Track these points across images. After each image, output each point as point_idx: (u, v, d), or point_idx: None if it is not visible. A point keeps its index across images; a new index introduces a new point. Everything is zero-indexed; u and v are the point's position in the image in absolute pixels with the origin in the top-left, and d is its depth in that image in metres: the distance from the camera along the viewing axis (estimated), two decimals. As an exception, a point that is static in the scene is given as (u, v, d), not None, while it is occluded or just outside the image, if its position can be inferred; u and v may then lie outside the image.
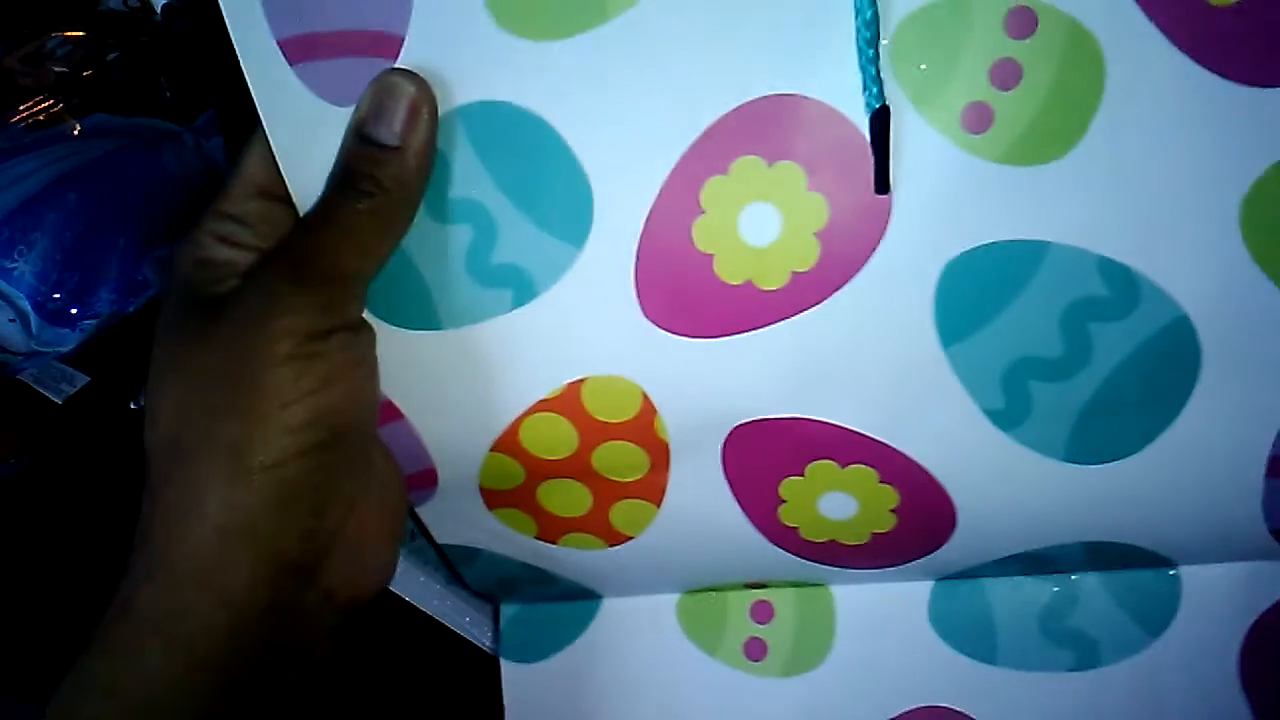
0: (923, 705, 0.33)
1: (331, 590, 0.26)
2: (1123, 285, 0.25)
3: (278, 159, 0.25)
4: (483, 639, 0.37)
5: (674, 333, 0.26)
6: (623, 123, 0.24)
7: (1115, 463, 0.27)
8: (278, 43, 0.23)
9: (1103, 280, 0.25)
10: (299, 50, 0.23)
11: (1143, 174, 0.24)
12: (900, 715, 0.33)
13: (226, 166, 0.53)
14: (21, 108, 0.52)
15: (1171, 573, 0.31)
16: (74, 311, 0.48)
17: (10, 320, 0.47)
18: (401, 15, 0.23)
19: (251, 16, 0.23)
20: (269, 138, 0.24)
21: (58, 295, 0.48)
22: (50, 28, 0.55)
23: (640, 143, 0.24)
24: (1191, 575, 0.31)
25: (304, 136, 0.24)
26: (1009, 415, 0.27)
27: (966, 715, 0.32)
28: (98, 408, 0.48)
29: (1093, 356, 0.26)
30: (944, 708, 0.32)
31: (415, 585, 0.38)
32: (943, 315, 0.25)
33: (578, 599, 0.35)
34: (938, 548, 0.30)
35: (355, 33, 0.23)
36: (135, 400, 0.48)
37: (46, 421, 0.47)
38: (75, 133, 0.51)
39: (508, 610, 0.36)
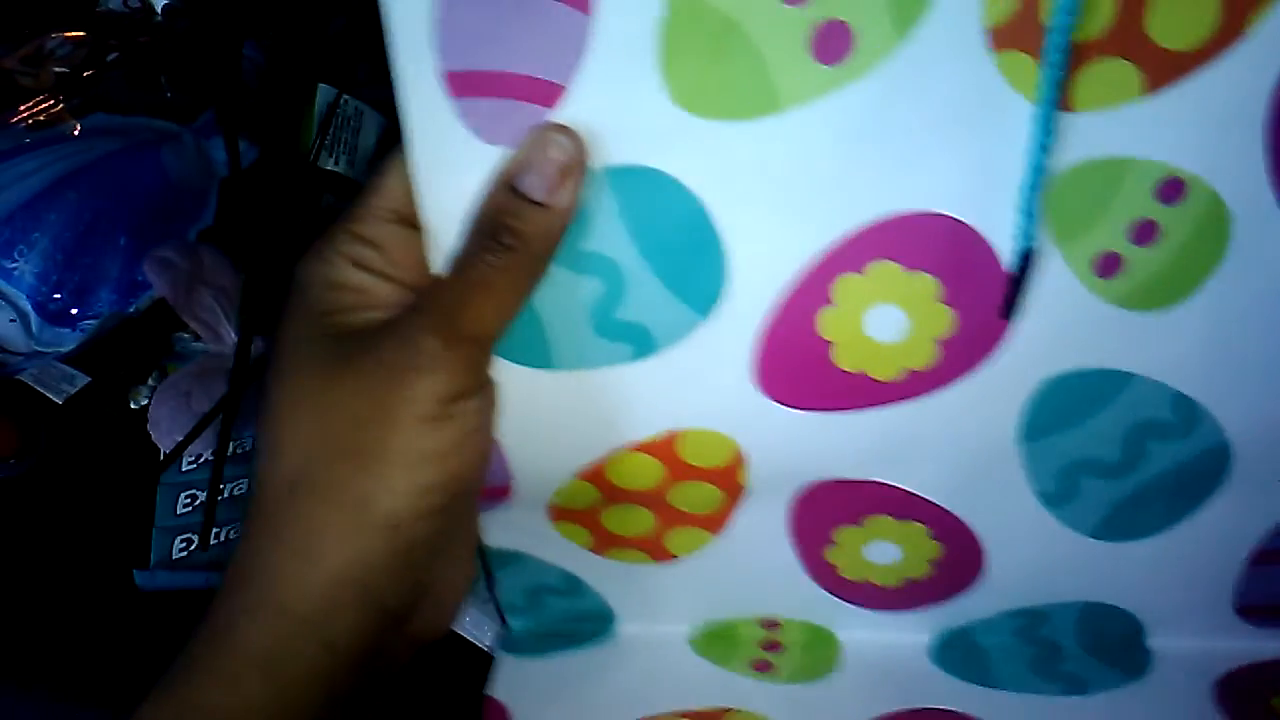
0: (923, 707, 0.34)
1: (415, 633, 0.27)
2: (1186, 414, 0.28)
3: (417, 185, 0.24)
4: (482, 639, 0.37)
5: (780, 402, 0.28)
6: (772, 210, 0.25)
7: (1129, 542, 0.31)
8: (442, 73, 0.23)
9: (1172, 409, 0.28)
10: (461, 84, 0.23)
11: (1238, 328, 0.27)
12: (902, 711, 0.34)
13: (225, 166, 0.53)
14: (22, 108, 0.52)
15: (1144, 644, 0.35)
16: (74, 311, 0.48)
17: (11, 320, 0.47)
18: (570, 67, 0.23)
19: (420, 44, 0.23)
20: (413, 164, 0.24)
21: (58, 295, 0.48)
22: (50, 28, 0.55)
23: (785, 231, 0.25)
24: (1161, 648, 0.34)
25: (448, 168, 0.24)
26: (1056, 498, 0.30)
27: (968, 715, 0.33)
28: (98, 408, 0.48)
29: (1142, 464, 0.29)
30: (944, 709, 0.34)
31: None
32: (1025, 419, 0.28)
33: (594, 621, 0.36)
34: (956, 595, 0.34)
35: (520, 77, 0.23)
36: (135, 400, 0.48)
37: (47, 422, 0.47)
38: (75, 133, 0.51)
39: (517, 623, 0.36)
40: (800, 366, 0.27)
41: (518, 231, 0.23)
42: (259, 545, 0.24)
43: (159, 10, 0.57)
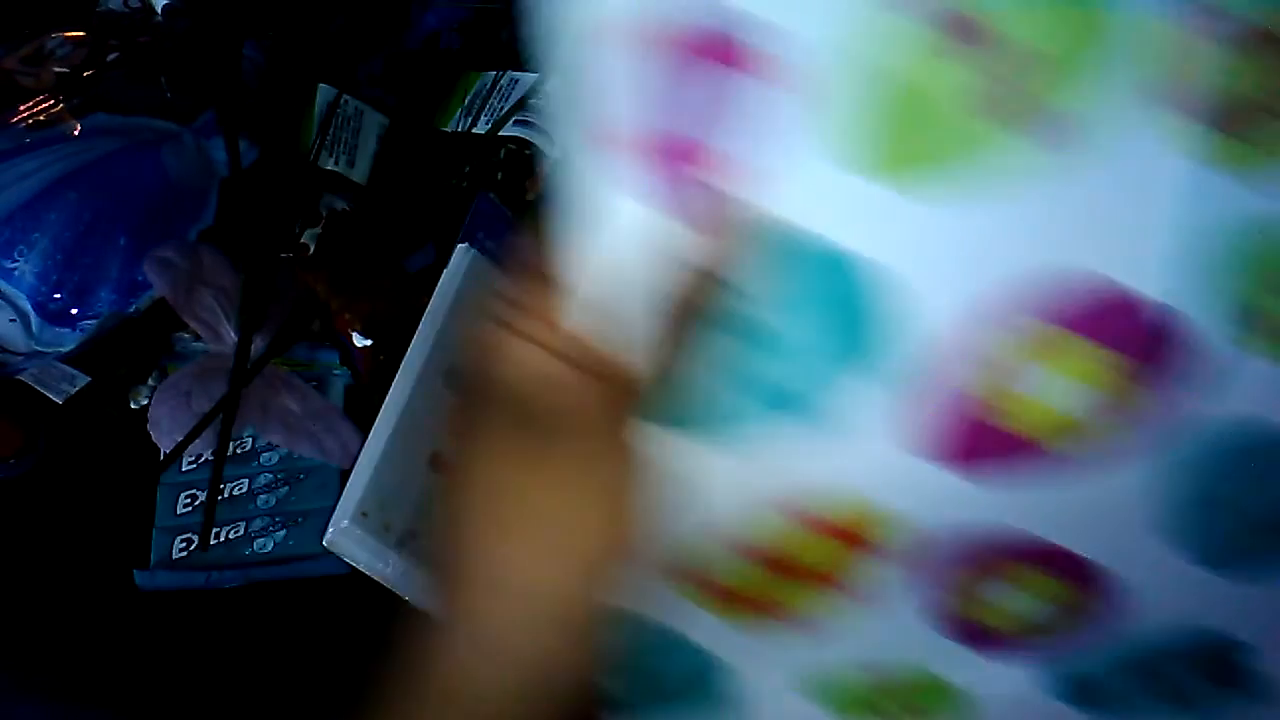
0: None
1: (554, 706, 0.26)
2: None
3: (567, 246, 0.24)
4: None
5: (924, 459, 0.28)
6: (925, 270, 0.25)
7: (1247, 575, 0.32)
8: (604, 135, 0.23)
9: None
10: (621, 146, 0.23)
11: None
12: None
13: (225, 166, 0.53)
14: (22, 108, 0.52)
15: (1257, 668, 0.35)
16: (74, 311, 0.48)
17: (11, 320, 0.47)
18: (728, 132, 0.23)
19: (585, 103, 0.23)
20: (565, 224, 0.24)
21: (58, 295, 0.48)
22: (50, 28, 0.55)
23: (938, 291, 0.25)
24: (1271, 671, 0.35)
25: (599, 230, 0.24)
26: (1188, 540, 0.31)
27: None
28: (98, 408, 0.48)
29: (1269, 505, 0.30)
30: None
31: (420, 586, 0.38)
32: (1168, 467, 0.29)
33: (702, 679, 0.35)
34: (1080, 635, 0.34)
35: (682, 140, 0.23)
36: (135, 400, 0.48)
37: (47, 422, 0.47)
38: (76, 133, 0.51)
39: (624, 682, 0.35)
40: (948, 424, 0.27)
41: (684, 301, 0.24)
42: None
43: (159, 10, 0.57)
